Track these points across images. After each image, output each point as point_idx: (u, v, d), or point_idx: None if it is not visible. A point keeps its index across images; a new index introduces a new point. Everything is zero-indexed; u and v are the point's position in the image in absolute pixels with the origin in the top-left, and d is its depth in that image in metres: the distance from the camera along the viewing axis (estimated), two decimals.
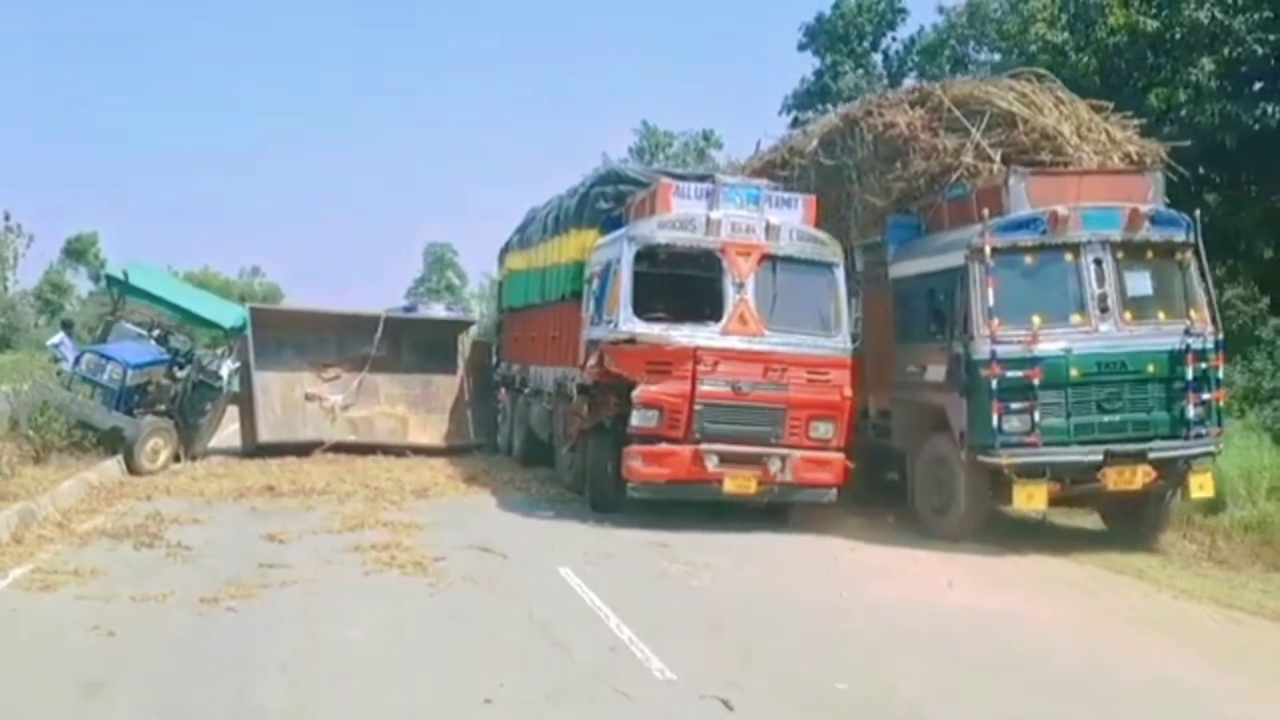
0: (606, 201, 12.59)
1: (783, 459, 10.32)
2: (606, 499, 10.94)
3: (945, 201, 10.90)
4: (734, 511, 10.71)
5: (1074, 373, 9.50)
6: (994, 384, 9.44)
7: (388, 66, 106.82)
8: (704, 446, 10.24)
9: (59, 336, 15.87)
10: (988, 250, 9.60)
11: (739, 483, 10.28)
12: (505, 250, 18.08)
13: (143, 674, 5.58)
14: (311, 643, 6.22)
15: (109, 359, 13.14)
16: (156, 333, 14.64)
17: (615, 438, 10.74)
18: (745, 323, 10.45)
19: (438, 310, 24.55)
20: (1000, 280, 9.63)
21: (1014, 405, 9.44)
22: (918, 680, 5.92)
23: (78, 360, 13.40)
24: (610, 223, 12.26)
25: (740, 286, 10.50)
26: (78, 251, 50.54)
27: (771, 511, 10.94)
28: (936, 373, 10.19)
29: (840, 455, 10.56)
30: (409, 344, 17.10)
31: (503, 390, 17.41)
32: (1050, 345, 9.52)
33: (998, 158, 10.87)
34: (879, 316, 11.34)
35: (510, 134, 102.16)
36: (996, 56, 25.31)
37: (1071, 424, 9.55)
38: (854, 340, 10.83)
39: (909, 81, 31.76)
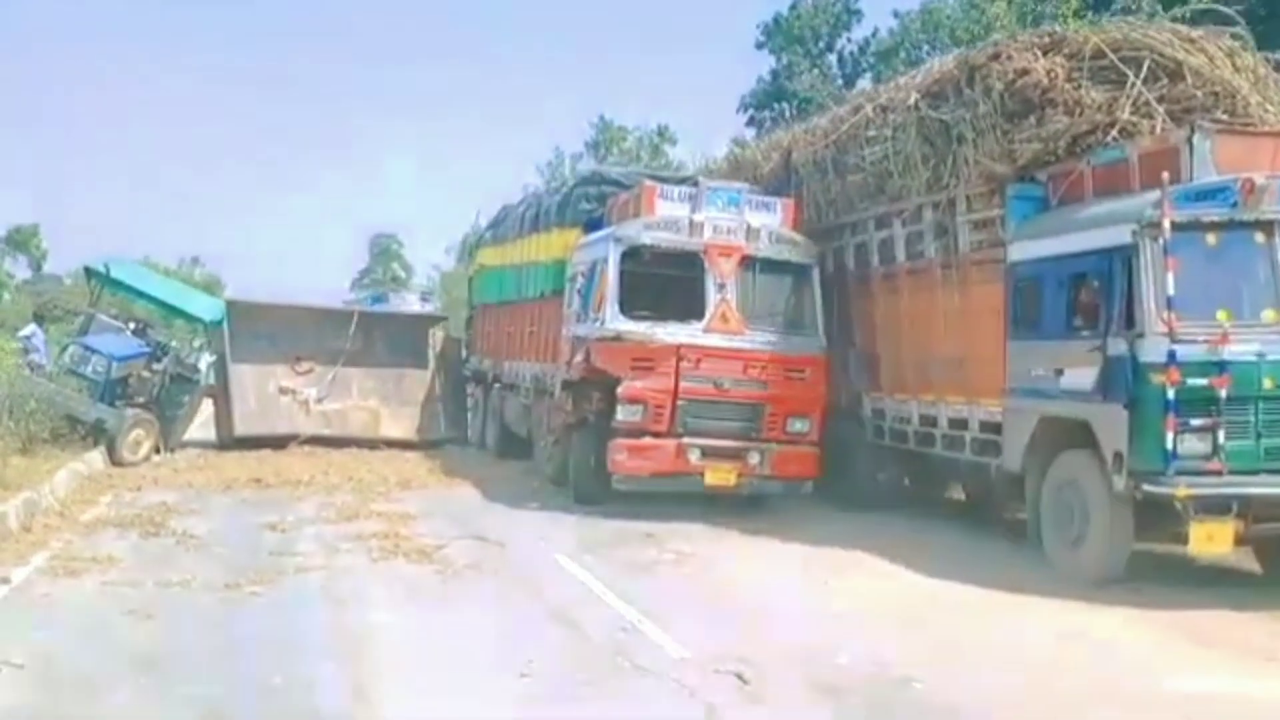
0: (589, 202, 12.99)
1: (761, 453, 10.80)
2: (591, 491, 11.29)
3: (1090, 167, 8.99)
4: (713, 504, 11.17)
5: (1267, 383, 7.65)
6: (1170, 394, 7.54)
7: (343, 59, 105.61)
8: (686, 440, 10.68)
9: (30, 328, 15.88)
10: (1167, 225, 7.67)
11: (720, 475, 10.73)
12: (477, 246, 18.37)
13: (189, 652, 5.87)
14: (343, 624, 6.57)
15: (94, 352, 13.25)
16: (134, 325, 14.72)
17: (599, 432, 11.13)
18: (727, 321, 10.90)
19: (412, 302, 24.64)
20: (1180, 263, 7.70)
21: (1194, 421, 7.59)
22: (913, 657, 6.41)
23: (62, 351, 13.48)
24: (592, 223, 12.67)
25: (722, 287, 10.94)
26: (18, 242, 49.56)
27: (749, 504, 11.46)
28: (1079, 378, 8.35)
29: (815, 449, 11.10)
30: (382, 338, 17.31)
31: (474, 384, 17.71)
32: (1242, 347, 7.64)
33: (1161, 113, 9.04)
34: (981, 306, 9.72)
35: (459, 127, 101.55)
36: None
37: (1262, 447, 7.70)
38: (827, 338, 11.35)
39: (863, 84, 32.64)
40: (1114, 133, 9.06)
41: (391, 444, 15.90)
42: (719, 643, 6.45)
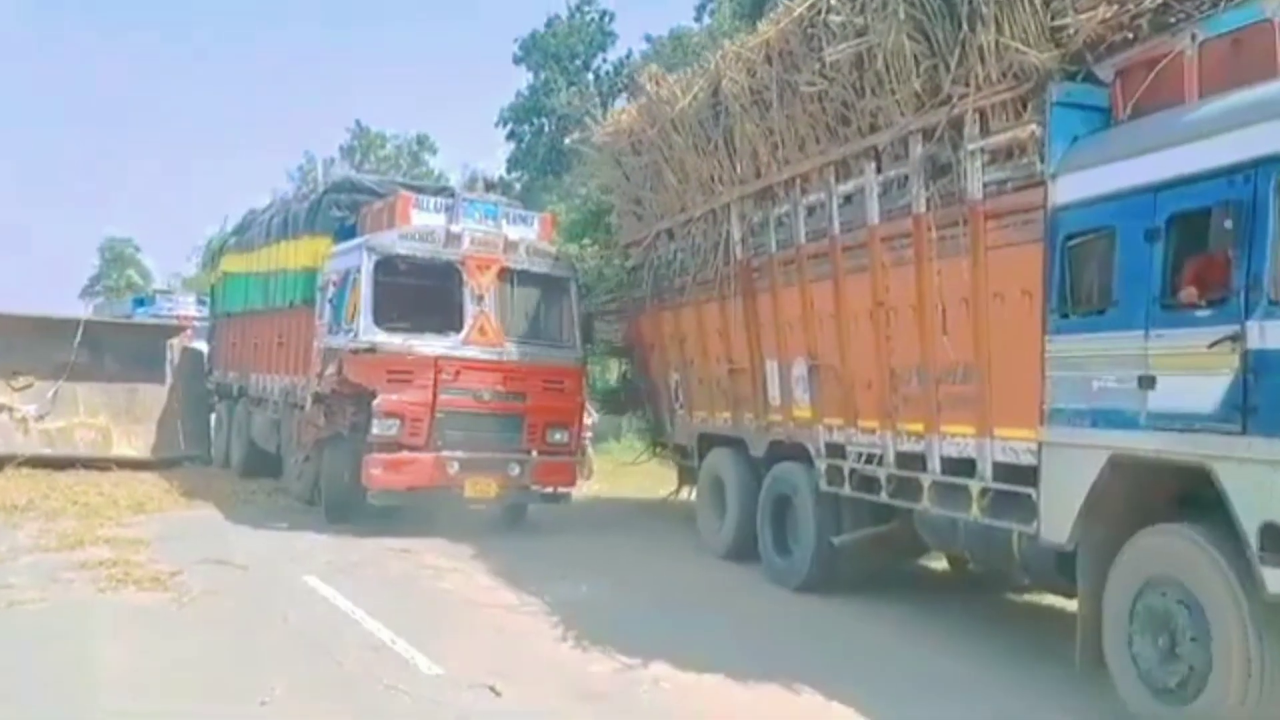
0: (340, 209, 12.60)
1: (521, 463, 10.82)
2: (344, 508, 10.96)
3: (1196, 44, 5.75)
4: (472, 517, 11.09)
5: None
6: None
7: (69, 52, 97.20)
8: (445, 454, 10.54)
9: None
10: None
11: (480, 487, 10.66)
12: (220, 251, 17.40)
13: None
14: (60, 663, 5.99)
15: None
16: None
17: (353, 446, 10.81)
18: (485, 333, 10.86)
19: (188, 306, 22.80)
20: None
21: None
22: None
23: None
24: (344, 231, 12.31)
25: (480, 299, 10.89)
26: None
27: (507, 516, 11.47)
28: (1188, 391, 5.18)
29: (574, 459, 11.25)
30: (112, 350, 16.00)
31: (217, 399, 16.75)
32: None
33: None
34: (1001, 282, 6.54)
35: (202, 125, 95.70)
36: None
37: None
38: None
39: (620, 103, 33.40)
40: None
41: (124, 464, 14.74)
42: (475, 657, 6.41)
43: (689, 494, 11.65)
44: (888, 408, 7.65)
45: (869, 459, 7.85)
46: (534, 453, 10.90)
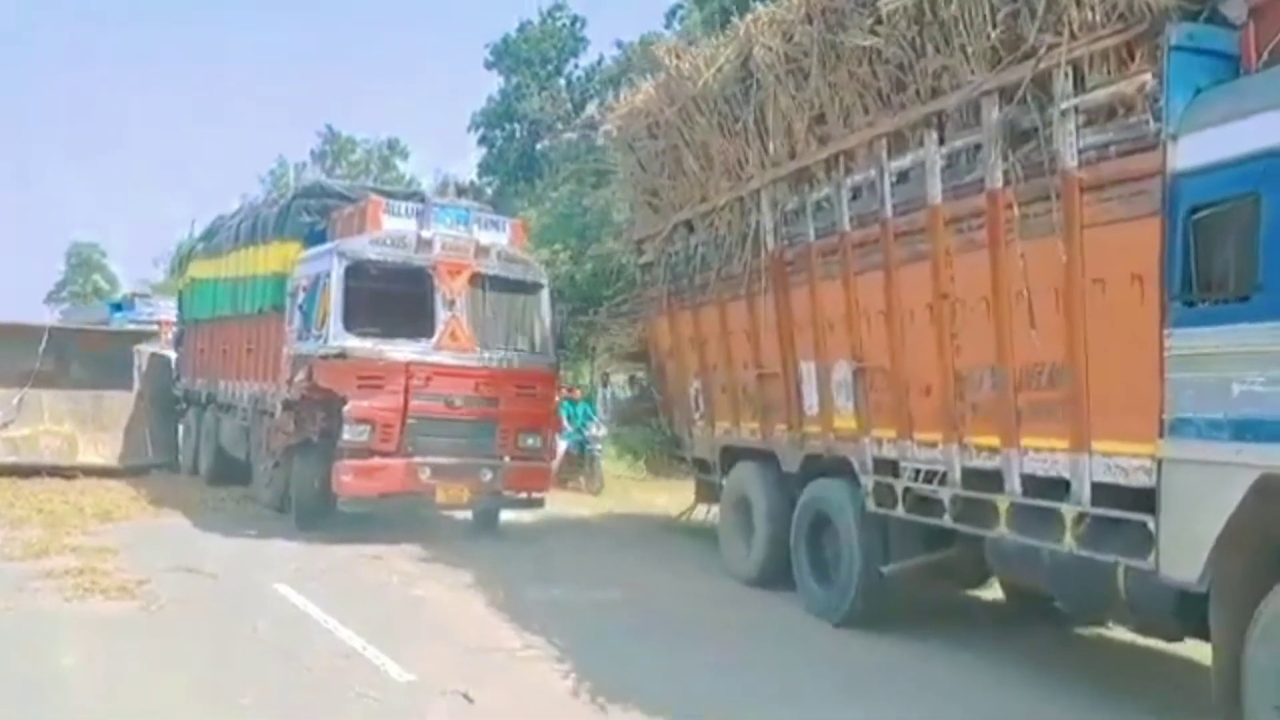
0: (310, 214, 12.51)
1: (494, 469, 10.78)
2: (314, 515, 10.89)
3: None
4: (444, 524, 11.05)
5: None
6: None
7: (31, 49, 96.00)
8: (417, 460, 10.49)
9: None
10: None
11: (452, 493, 10.64)
12: (189, 257, 17.25)
13: None
14: (26, 673, 5.91)
15: None
16: None
17: (323, 453, 10.75)
18: (457, 339, 10.83)
19: (168, 310, 22.40)
20: None
21: None
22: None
23: None
24: (313, 236, 12.23)
25: (452, 304, 10.86)
26: None
27: (479, 520, 11.45)
28: None
29: (546, 465, 11.23)
30: (78, 357, 15.88)
31: (185, 406, 16.59)
32: None
33: None
34: (1104, 267, 5.51)
35: (171, 129, 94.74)
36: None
37: None
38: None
39: (591, 108, 33.43)
40: None
41: (91, 472, 14.56)
42: (447, 664, 6.38)
43: (707, 512, 10.93)
44: (952, 417, 6.59)
45: (928, 477, 6.81)
46: (506, 458, 10.86)
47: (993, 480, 6.29)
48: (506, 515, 11.66)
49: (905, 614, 7.58)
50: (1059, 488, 5.81)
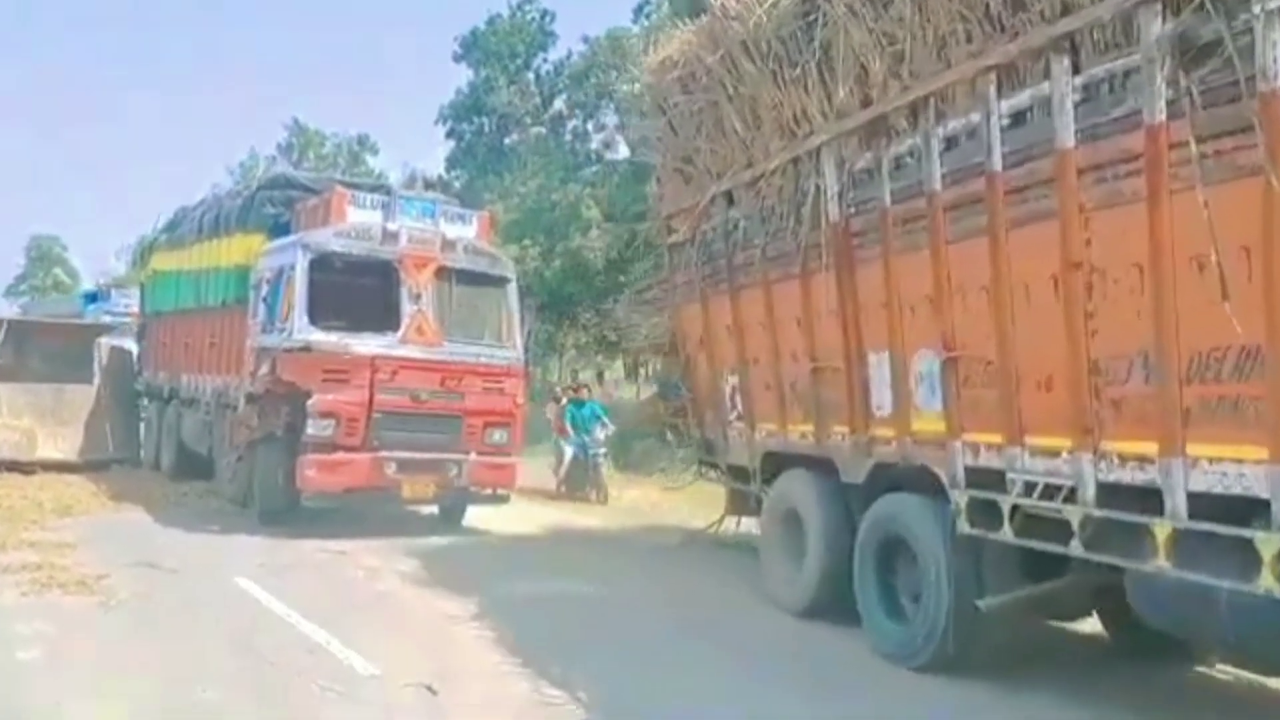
0: (274, 206, 12.39)
1: (460, 464, 10.73)
2: (278, 510, 10.78)
3: None
4: (409, 518, 10.99)
5: None
6: None
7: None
8: (382, 454, 10.42)
9: None
10: None
11: (417, 488, 10.59)
12: (151, 249, 17.03)
13: None
14: None
15: None
16: None
17: (287, 447, 10.65)
18: (423, 333, 10.77)
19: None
20: None
21: None
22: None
23: None
24: (278, 228, 12.12)
25: (418, 297, 10.79)
26: None
27: (444, 516, 11.39)
28: None
29: (513, 460, 11.19)
30: (37, 350, 15.66)
31: (147, 400, 16.39)
32: None
33: None
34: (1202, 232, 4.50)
35: (135, 121, 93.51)
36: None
37: None
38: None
39: (559, 103, 33.36)
40: None
41: (50, 467, 14.36)
42: (412, 658, 6.33)
43: (738, 524, 9.91)
44: (1085, 418, 5.26)
45: (1048, 492, 5.50)
46: (473, 453, 10.81)
47: (1143, 498, 5.00)
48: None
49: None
50: (1246, 509, 4.51)
